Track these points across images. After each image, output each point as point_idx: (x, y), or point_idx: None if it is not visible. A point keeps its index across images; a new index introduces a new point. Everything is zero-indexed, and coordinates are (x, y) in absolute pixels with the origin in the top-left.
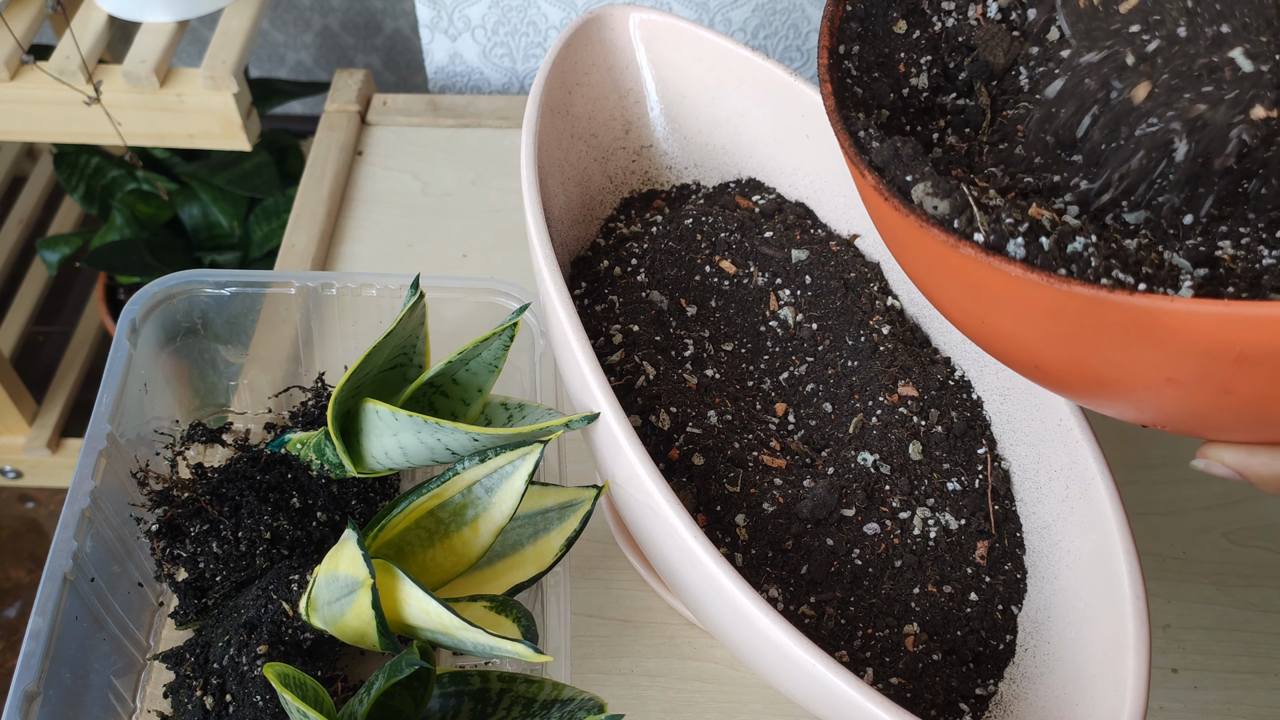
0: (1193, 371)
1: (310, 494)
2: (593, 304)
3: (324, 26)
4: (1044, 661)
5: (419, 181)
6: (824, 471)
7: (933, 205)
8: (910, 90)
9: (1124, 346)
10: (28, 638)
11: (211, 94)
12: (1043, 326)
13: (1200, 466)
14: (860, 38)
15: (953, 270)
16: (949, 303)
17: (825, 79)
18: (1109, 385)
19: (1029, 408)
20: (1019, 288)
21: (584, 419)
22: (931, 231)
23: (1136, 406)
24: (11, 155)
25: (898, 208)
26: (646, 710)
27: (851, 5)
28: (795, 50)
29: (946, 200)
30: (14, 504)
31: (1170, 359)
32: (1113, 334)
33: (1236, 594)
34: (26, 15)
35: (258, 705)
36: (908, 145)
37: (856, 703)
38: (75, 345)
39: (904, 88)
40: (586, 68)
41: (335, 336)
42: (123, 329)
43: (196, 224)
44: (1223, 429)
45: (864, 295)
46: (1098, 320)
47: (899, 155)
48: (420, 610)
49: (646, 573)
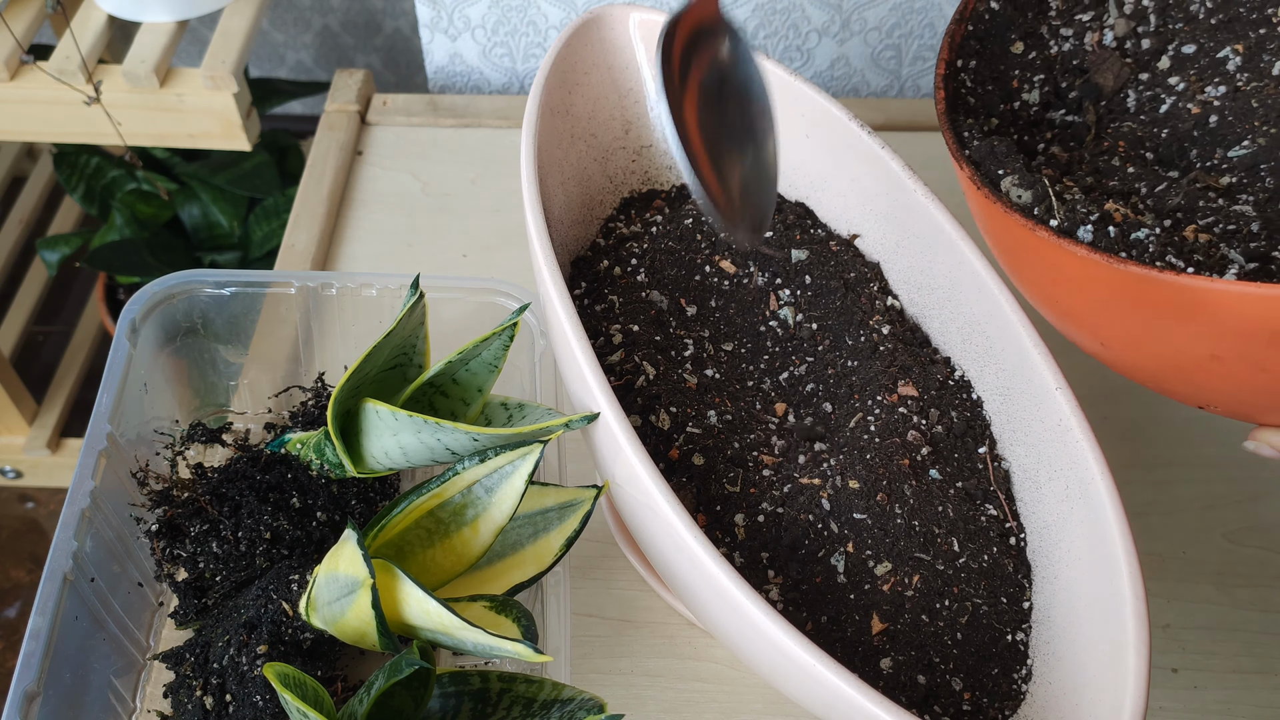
0: (1232, 349)
1: (310, 494)
2: (593, 304)
3: (324, 26)
4: (1044, 661)
5: (419, 181)
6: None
7: (1017, 194)
8: (1021, 104)
9: (1172, 323)
10: (28, 638)
11: (211, 94)
12: (1105, 304)
13: (1250, 448)
14: (978, 54)
15: (1031, 251)
16: (1030, 285)
17: (939, 86)
18: (1162, 361)
19: (1029, 408)
20: (1085, 267)
21: (584, 419)
22: (1014, 216)
23: (1188, 383)
24: (11, 155)
25: (988, 195)
26: (646, 710)
27: (973, 25)
28: (795, 50)
29: (1029, 191)
30: (14, 504)
31: (1212, 336)
32: (1162, 311)
33: (1236, 594)
34: (26, 15)
35: (258, 705)
36: (1003, 144)
37: (856, 703)
38: (75, 345)
39: (1015, 101)
40: (586, 68)
41: (335, 336)
42: (123, 329)
43: (196, 224)
44: (1265, 410)
45: (864, 295)
46: (1150, 298)
47: (994, 152)
48: (420, 610)
49: (646, 573)
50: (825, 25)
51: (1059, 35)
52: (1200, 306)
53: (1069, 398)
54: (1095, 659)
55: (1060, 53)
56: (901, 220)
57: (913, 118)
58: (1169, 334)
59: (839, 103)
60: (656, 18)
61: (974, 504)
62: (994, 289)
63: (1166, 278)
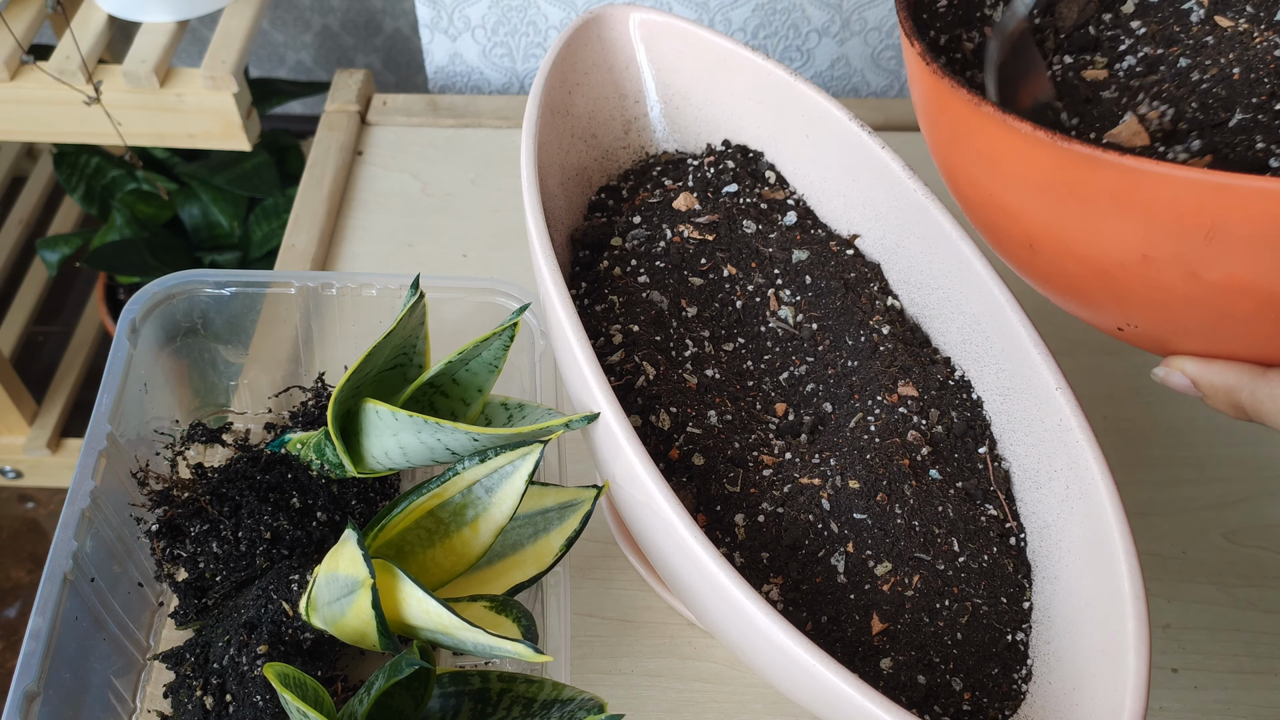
0: (1166, 247)
1: (310, 494)
2: (593, 304)
3: (324, 26)
4: (1044, 661)
5: (419, 181)
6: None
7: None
8: (983, 19)
9: (1108, 215)
10: (28, 638)
11: (211, 94)
12: (1040, 193)
13: (1160, 375)
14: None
15: (971, 133)
16: (963, 178)
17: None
18: (1089, 265)
19: (1029, 408)
20: (1026, 148)
21: (584, 419)
22: (959, 92)
23: (1112, 292)
24: (11, 155)
25: (935, 71)
26: (646, 710)
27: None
28: (795, 50)
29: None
30: (14, 504)
31: (1147, 231)
32: (1099, 201)
33: (1236, 594)
34: (26, 15)
35: (258, 705)
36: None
37: (856, 703)
38: (75, 345)
39: (978, 19)
40: (586, 68)
41: (335, 336)
42: (123, 329)
43: (196, 224)
44: (1183, 332)
45: (864, 295)
46: (1088, 185)
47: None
48: (420, 610)
49: (646, 573)
50: (825, 25)
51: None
52: (1140, 194)
53: (1069, 398)
54: (1095, 659)
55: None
56: (901, 220)
57: (913, 118)
58: (1103, 228)
59: (839, 103)
60: (656, 18)
61: (974, 504)
62: (994, 289)
63: (1109, 157)
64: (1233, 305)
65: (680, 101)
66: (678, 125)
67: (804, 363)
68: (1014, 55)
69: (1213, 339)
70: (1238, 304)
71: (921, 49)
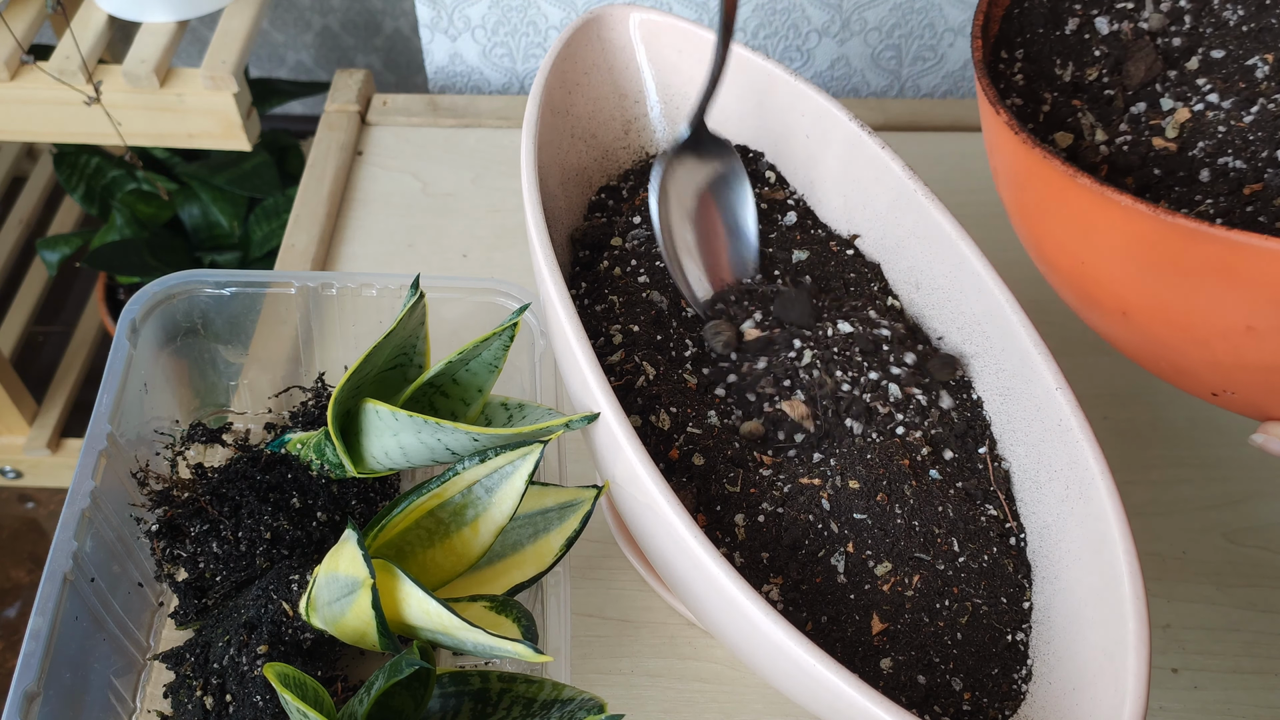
0: (1273, 320)
1: (310, 494)
2: (593, 304)
3: (324, 26)
4: (1044, 661)
5: (419, 181)
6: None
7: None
8: (1056, 80)
9: (1212, 287)
10: (28, 638)
11: (211, 94)
12: (1139, 263)
13: (1258, 442)
14: (1017, 23)
15: (1065, 204)
16: (1053, 245)
17: (977, 35)
18: (1188, 334)
19: (1029, 408)
20: (1125, 220)
21: (584, 419)
22: (1053, 163)
23: (1210, 361)
24: (11, 155)
25: (1025, 140)
26: (646, 710)
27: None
28: (795, 50)
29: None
30: (14, 504)
31: (1254, 303)
32: (1204, 273)
33: (1236, 594)
34: (26, 15)
35: (258, 705)
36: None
37: (857, 703)
38: (75, 345)
39: (1051, 77)
40: (586, 68)
41: (335, 336)
42: (123, 329)
43: (196, 224)
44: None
45: (864, 295)
46: (1193, 257)
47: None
48: (420, 610)
49: (646, 573)
50: (825, 25)
51: (1093, 23)
52: (1248, 267)
53: (1069, 398)
54: (1095, 659)
55: (1094, 38)
56: (901, 220)
57: (913, 118)
58: (1205, 299)
59: (839, 103)
60: (656, 18)
61: (974, 504)
62: (994, 289)
63: (1218, 233)
64: None
65: (680, 101)
66: (678, 125)
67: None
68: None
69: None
70: None
71: (1009, 117)
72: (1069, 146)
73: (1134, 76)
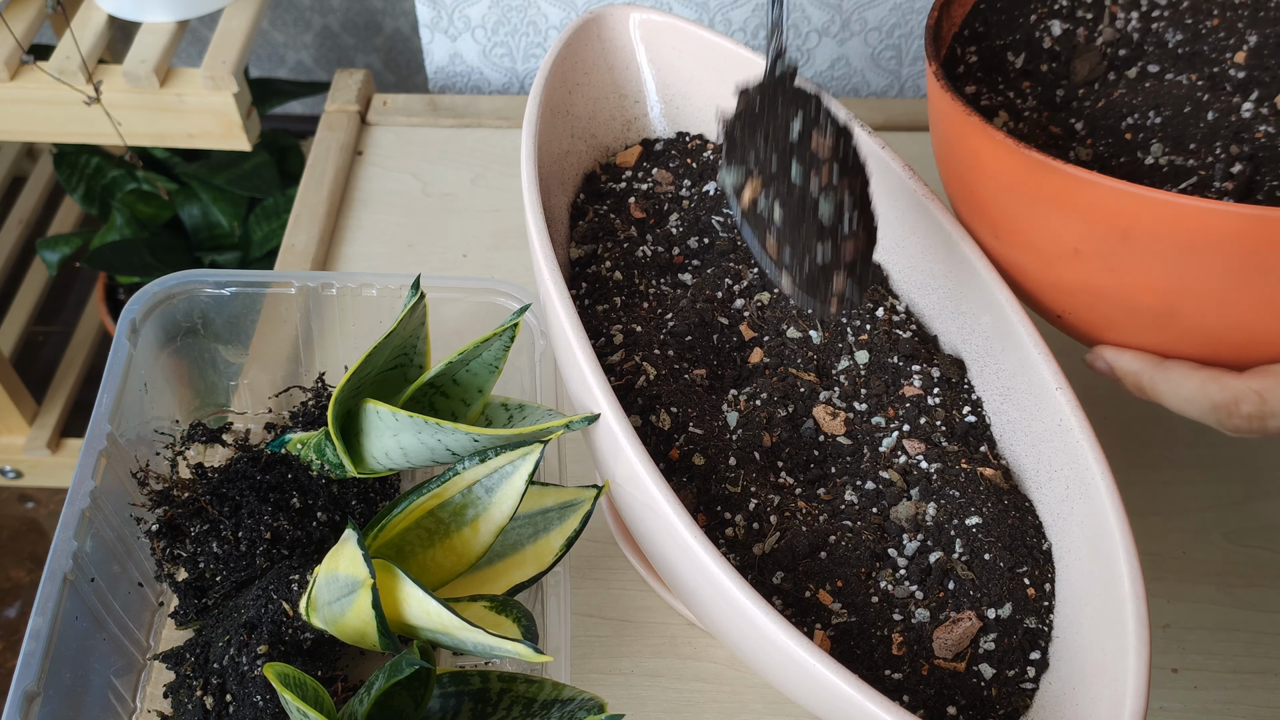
0: (1091, 243)
1: (310, 494)
2: (593, 304)
3: (324, 26)
4: (1044, 661)
5: (419, 181)
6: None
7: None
8: (1007, 63)
9: (1053, 212)
10: (28, 638)
11: (211, 94)
12: (1006, 191)
13: (1087, 359)
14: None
15: (961, 142)
16: (955, 179)
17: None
18: (1035, 253)
19: (1029, 408)
20: (997, 153)
21: (584, 420)
22: (956, 104)
23: (1051, 278)
24: (11, 155)
25: (945, 86)
26: (646, 710)
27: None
28: (795, 50)
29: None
30: (14, 504)
31: (1078, 228)
32: (1048, 200)
33: (1236, 594)
34: (26, 15)
35: (258, 705)
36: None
37: (856, 702)
38: (75, 345)
39: (1002, 61)
40: (586, 68)
41: (335, 336)
42: (123, 329)
43: (196, 224)
44: (1106, 324)
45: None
46: (1041, 185)
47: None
48: (420, 610)
49: (646, 573)
50: (825, 25)
51: (1049, 25)
52: (1079, 198)
53: (1069, 398)
54: (1095, 659)
55: (1049, 37)
56: (901, 220)
57: (913, 118)
58: (1048, 223)
59: (839, 103)
60: (656, 18)
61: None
62: (994, 289)
63: (1057, 165)
64: (1140, 300)
65: (680, 101)
66: (678, 125)
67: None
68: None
69: (1127, 331)
70: (1143, 299)
71: (936, 67)
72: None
73: (1079, 73)
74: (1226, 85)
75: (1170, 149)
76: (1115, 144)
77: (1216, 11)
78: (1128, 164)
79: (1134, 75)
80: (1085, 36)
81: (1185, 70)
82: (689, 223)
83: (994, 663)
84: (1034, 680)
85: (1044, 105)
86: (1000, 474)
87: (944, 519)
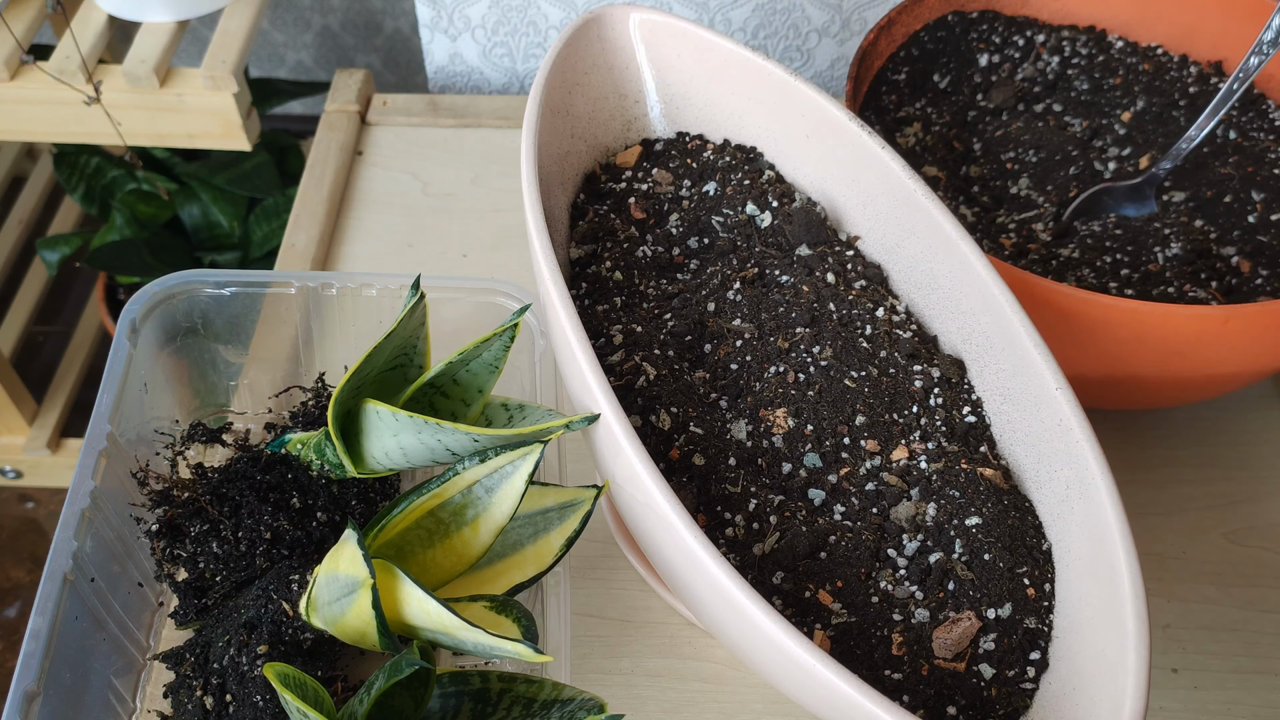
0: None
1: (310, 494)
2: (593, 304)
3: (324, 26)
4: (1044, 661)
5: (419, 181)
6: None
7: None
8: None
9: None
10: (28, 638)
11: (211, 94)
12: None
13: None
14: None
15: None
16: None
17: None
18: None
19: (1029, 408)
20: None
21: (584, 420)
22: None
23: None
24: (11, 155)
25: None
26: (646, 710)
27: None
28: (795, 50)
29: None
30: (14, 504)
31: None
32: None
33: (1236, 594)
34: (26, 15)
35: (258, 705)
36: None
37: (856, 702)
38: (75, 345)
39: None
40: (586, 68)
41: (335, 336)
42: (123, 329)
43: (196, 224)
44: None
45: (864, 295)
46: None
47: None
48: (420, 610)
49: (646, 573)
50: (825, 25)
51: (978, 59)
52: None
53: (1069, 398)
54: (1095, 659)
55: (975, 67)
56: (901, 220)
57: None
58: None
59: (839, 103)
60: (656, 18)
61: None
62: (994, 289)
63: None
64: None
65: (680, 102)
66: (678, 125)
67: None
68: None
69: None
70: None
71: (851, 86)
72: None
73: (993, 100)
74: (1107, 137)
75: (1032, 185)
76: (997, 170)
77: (1122, 71)
78: (999, 189)
79: (1039, 110)
80: (1009, 71)
81: (1080, 116)
82: (689, 223)
83: (994, 663)
84: (1034, 680)
85: (954, 123)
86: (1000, 474)
87: (944, 519)
